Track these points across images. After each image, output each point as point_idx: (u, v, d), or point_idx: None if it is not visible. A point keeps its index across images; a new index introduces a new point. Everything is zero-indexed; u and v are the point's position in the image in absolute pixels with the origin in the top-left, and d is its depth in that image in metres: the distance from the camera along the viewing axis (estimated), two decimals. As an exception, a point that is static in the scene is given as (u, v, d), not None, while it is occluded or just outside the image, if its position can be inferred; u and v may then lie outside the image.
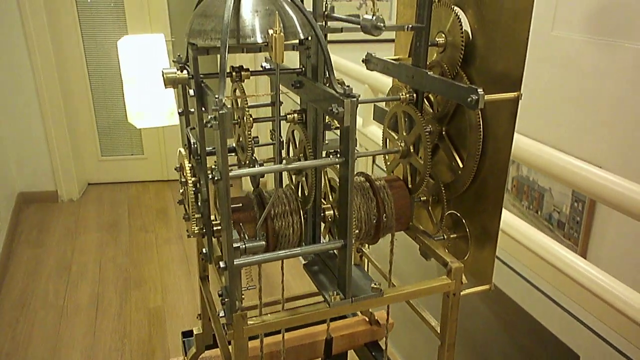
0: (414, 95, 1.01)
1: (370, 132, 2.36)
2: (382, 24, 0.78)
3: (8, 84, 3.64)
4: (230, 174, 0.75)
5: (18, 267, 3.33)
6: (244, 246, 0.83)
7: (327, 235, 1.03)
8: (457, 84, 0.88)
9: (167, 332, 2.81)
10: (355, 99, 0.77)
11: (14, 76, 3.65)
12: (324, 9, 0.91)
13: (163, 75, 0.82)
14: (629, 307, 1.15)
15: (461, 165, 1.00)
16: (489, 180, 0.97)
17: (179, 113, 0.98)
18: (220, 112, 0.71)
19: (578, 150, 2.66)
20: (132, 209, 4.03)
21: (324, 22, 0.91)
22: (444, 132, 1.03)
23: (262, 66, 1.02)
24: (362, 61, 1.12)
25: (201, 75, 0.88)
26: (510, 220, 1.50)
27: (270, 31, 0.75)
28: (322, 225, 1.01)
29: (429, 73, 0.95)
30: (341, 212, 0.87)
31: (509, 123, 0.90)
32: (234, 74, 0.87)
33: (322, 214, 0.97)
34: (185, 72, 0.85)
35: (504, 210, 0.98)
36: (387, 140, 1.10)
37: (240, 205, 0.92)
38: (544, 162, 1.42)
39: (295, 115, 0.93)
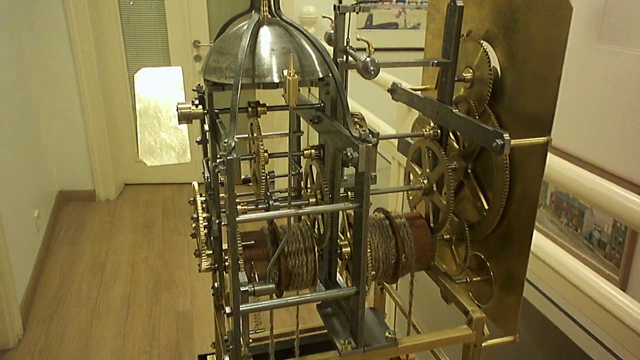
0: (439, 131, 0.96)
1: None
2: (372, 68, 0.74)
3: (51, 86, 3.73)
4: (237, 219, 0.72)
5: (55, 264, 3.41)
6: (252, 289, 0.80)
7: (344, 273, 1.00)
8: (483, 125, 0.83)
9: (195, 338, 2.83)
10: (371, 144, 0.73)
11: (58, 78, 3.74)
12: (345, 44, 0.87)
13: (177, 110, 0.81)
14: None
15: (486, 207, 0.95)
16: (515, 223, 0.92)
17: (196, 142, 0.96)
18: (228, 157, 0.68)
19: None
20: (167, 211, 4.08)
21: (344, 58, 0.87)
22: (469, 170, 0.99)
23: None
24: (388, 90, 1.08)
25: (216, 110, 0.86)
26: (546, 246, 1.42)
27: (285, 71, 0.72)
28: (339, 261, 0.98)
29: (454, 110, 0.90)
30: (355, 255, 0.84)
31: (538, 166, 0.85)
32: (249, 109, 0.85)
33: (338, 251, 0.94)
34: (200, 107, 0.84)
35: (536, 233, 0.92)
36: (410, 174, 1.06)
37: (253, 242, 0.90)
38: (583, 189, 1.34)
39: (313, 151, 0.90)
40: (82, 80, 3.73)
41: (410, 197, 1.08)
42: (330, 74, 0.79)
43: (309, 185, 1.01)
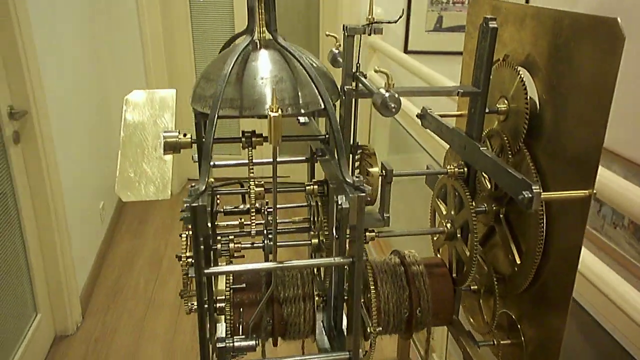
0: (465, 169, 0.83)
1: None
2: (394, 105, 0.62)
3: (123, 83, 3.82)
4: (205, 271, 0.64)
5: (116, 256, 3.51)
6: (231, 345, 0.72)
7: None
8: (511, 171, 0.70)
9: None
10: (364, 194, 0.62)
11: (128, 76, 3.82)
12: (354, 69, 0.77)
13: (163, 139, 0.73)
14: None
15: (518, 261, 0.81)
16: (551, 283, 0.77)
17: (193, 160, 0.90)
18: (193, 204, 0.60)
19: None
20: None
21: (353, 85, 0.76)
22: (501, 215, 0.85)
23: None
24: (417, 116, 0.96)
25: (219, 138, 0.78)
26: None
27: (266, 106, 0.63)
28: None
29: (481, 148, 0.77)
30: (349, 311, 0.73)
31: (578, 222, 0.71)
32: (243, 139, 0.76)
33: (344, 298, 0.84)
34: (189, 136, 0.76)
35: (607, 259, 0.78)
36: (436, 213, 0.93)
37: (244, 285, 0.81)
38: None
39: (315, 187, 0.80)
40: (150, 79, 3.80)
41: (435, 238, 0.95)
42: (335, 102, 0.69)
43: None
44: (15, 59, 1.63)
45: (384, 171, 0.80)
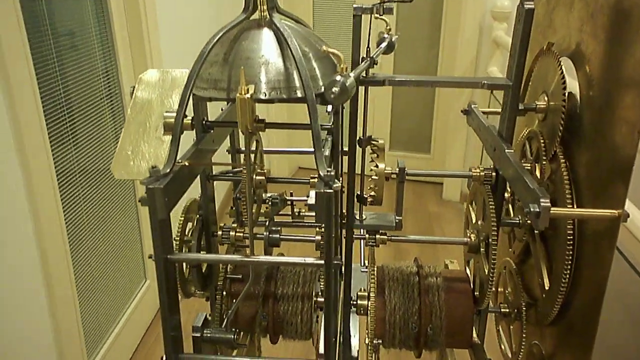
0: (493, 173, 0.72)
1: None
2: (335, 90, 0.54)
3: None
4: (169, 256, 0.61)
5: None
6: (207, 335, 0.69)
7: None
8: (526, 178, 0.58)
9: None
10: (330, 191, 0.56)
11: None
12: (365, 53, 0.69)
13: (163, 119, 0.72)
14: None
15: (547, 286, 0.69)
16: (575, 319, 0.65)
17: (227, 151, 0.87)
18: (149, 186, 0.58)
19: None
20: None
21: (365, 71, 0.69)
22: (536, 230, 0.73)
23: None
24: (462, 112, 0.85)
25: (208, 122, 0.75)
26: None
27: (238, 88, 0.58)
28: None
29: (507, 150, 0.66)
30: (325, 324, 0.66)
31: (606, 247, 0.58)
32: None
33: (354, 302, 0.78)
34: (189, 118, 0.74)
35: None
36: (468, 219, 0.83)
37: (241, 276, 0.78)
38: None
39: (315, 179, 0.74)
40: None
41: (467, 250, 0.85)
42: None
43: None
44: (140, 43, 1.74)
45: (396, 169, 0.72)
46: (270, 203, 0.79)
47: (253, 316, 0.78)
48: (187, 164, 0.64)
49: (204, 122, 0.74)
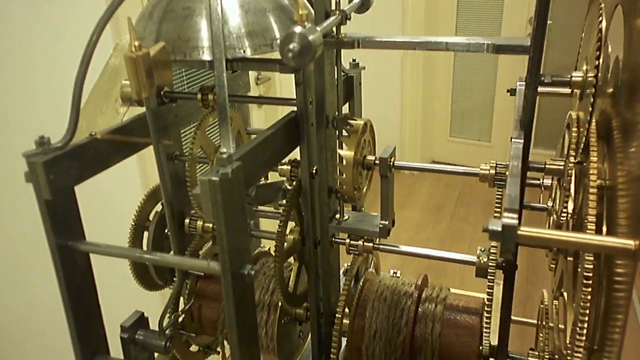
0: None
1: None
2: (293, 46, 0.39)
3: (381, 70, 3.76)
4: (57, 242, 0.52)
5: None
6: (140, 338, 0.60)
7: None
8: (509, 191, 0.39)
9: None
10: (216, 179, 0.42)
11: (385, 62, 3.76)
12: (333, 5, 0.54)
13: (122, 88, 0.64)
14: None
15: (569, 330, 0.48)
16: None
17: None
18: (30, 160, 0.49)
19: None
20: (463, 196, 3.80)
21: (334, 28, 0.54)
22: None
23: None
24: (507, 91, 0.65)
25: (169, 92, 0.65)
26: None
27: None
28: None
29: (514, 139, 0.46)
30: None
31: (625, 282, 0.37)
32: (199, 96, 0.61)
33: (331, 322, 0.64)
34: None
35: None
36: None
37: (203, 274, 0.68)
38: None
39: (288, 167, 0.60)
40: (405, 57, 3.69)
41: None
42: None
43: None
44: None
45: (377, 160, 0.56)
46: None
47: (216, 320, 0.67)
48: (98, 136, 0.55)
49: (162, 92, 0.64)
